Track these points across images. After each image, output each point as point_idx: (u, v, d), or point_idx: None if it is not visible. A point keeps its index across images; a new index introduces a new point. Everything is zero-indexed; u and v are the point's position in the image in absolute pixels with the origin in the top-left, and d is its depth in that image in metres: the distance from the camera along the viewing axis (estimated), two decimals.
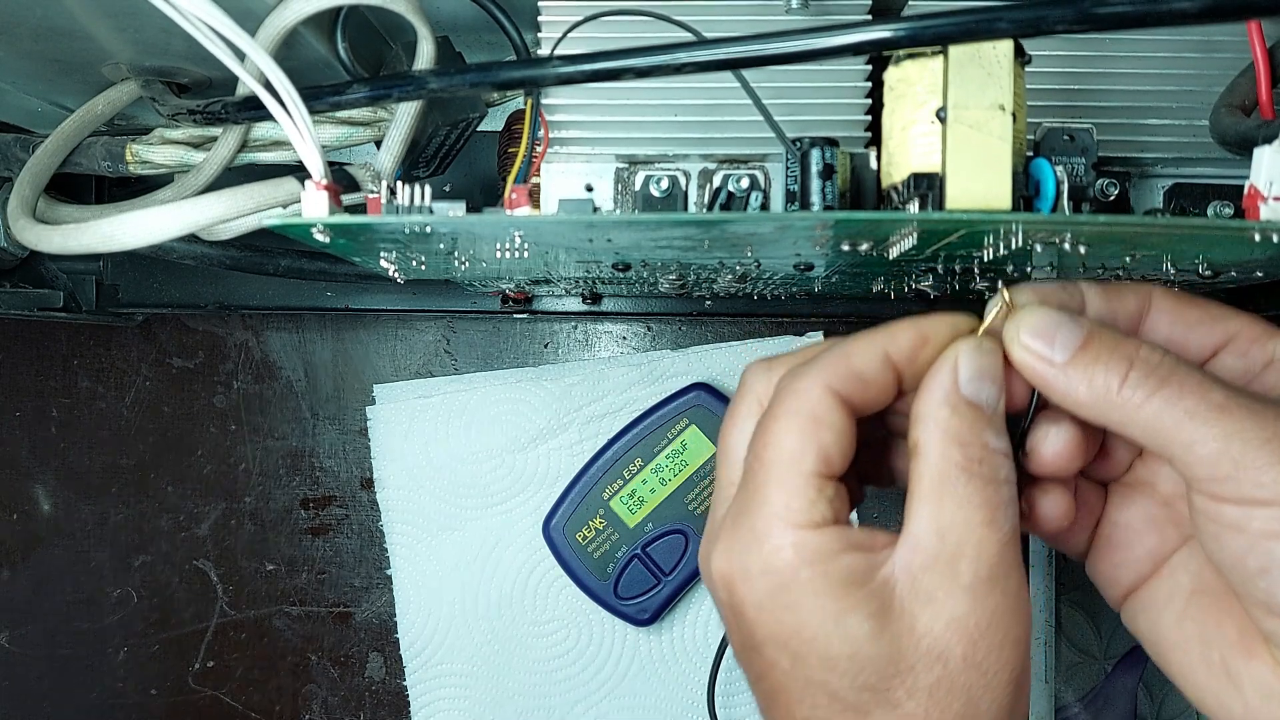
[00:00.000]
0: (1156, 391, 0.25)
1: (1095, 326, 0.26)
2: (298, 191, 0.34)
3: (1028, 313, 0.27)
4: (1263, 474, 0.24)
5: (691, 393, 0.55)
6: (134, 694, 0.59)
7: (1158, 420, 0.25)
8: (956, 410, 0.26)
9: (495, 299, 0.55)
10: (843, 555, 0.26)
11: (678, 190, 0.34)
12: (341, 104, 0.31)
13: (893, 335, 0.27)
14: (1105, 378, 0.25)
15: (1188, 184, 0.35)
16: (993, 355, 0.27)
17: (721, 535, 0.28)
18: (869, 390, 0.27)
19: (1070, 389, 0.26)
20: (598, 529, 0.55)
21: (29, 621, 0.59)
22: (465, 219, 0.27)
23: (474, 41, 0.40)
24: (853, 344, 0.28)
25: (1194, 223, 0.25)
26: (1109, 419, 0.26)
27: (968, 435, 0.26)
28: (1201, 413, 0.25)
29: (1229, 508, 0.25)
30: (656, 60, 0.26)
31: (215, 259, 0.43)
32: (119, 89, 0.38)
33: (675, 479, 0.55)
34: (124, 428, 0.59)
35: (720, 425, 0.31)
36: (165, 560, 0.59)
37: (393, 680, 0.59)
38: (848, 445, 0.27)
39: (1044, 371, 0.26)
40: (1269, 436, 0.24)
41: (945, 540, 0.25)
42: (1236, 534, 0.25)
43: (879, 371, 0.27)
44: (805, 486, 0.26)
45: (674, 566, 0.54)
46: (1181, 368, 0.25)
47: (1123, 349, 0.26)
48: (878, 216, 0.25)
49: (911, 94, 0.26)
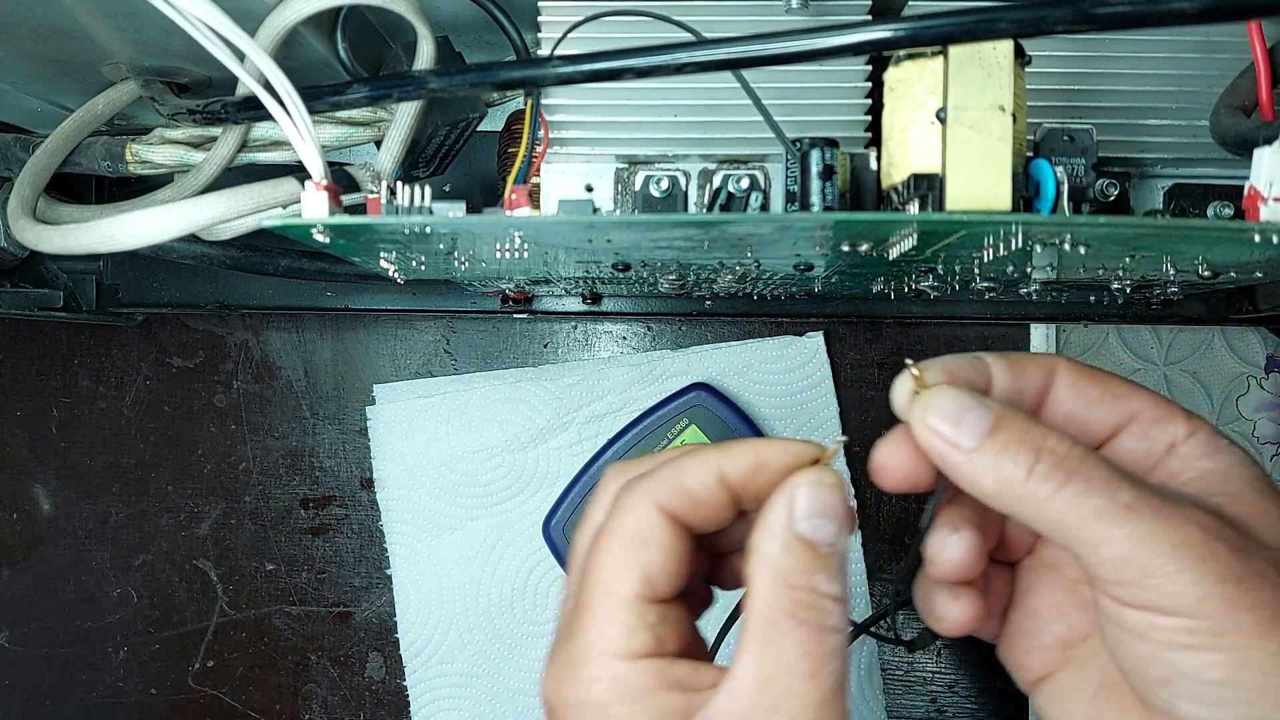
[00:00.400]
0: (1064, 485, 0.24)
1: (1004, 411, 0.25)
2: (297, 192, 0.34)
3: (936, 395, 0.26)
4: (1169, 582, 0.23)
5: (691, 392, 0.55)
6: (134, 693, 0.59)
7: (1064, 516, 0.24)
8: (788, 549, 0.25)
9: (495, 299, 0.55)
10: (659, 694, 0.24)
11: (678, 190, 0.33)
12: (341, 104, 0.31)
13: (729, 456, 0.26)
14: (1012, 467, 0.24)
15: (1188, 184, 0.35)
16: (832, 491, 0.26)
17: (551, 658, 0.26)
18: (701, 510, 0.26)
19: (976, 477, 0.25)
20: None
21: (30, 621, 0.59)
22: (465, 220, 0.27)
23: (474, 41, 0.40)
24: (689, 460, 0.27)
25: (1193, 224, 0.25)
26: (1015, 510, 0.25)
27: (797, 577, 0.25)
28: (1109, 512, 0.24)
29: (1133, 613, 0.24)
30: (656, 60, 0.26)
31: (215, 259, 0.43)
32: (119, 89, 0.38)
33: None
34: (124, 427, 0.59)
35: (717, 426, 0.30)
36: (165, 559, 0.59)
37: (392, 680, 0.59)
38: (677, 565, 0.26)
39: (950, 456, 0.25)
40: (1178, 543, 0.23)
41: (765, 690, 0.24)
42: (1139, 641, 0.24)
43: (712, 492, 0.26)
44: (625, 611, 0.25)
45: None
46: (1090, 461, 0.24)
47: (1030, 438, 0.25)
48: (877, 217, 0.25)
49: (911, 95, 0.26)
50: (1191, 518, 0.24)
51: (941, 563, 0.27)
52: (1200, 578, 0.23)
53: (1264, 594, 0.23)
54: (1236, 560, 0.23)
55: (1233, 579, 0.23)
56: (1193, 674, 0.23)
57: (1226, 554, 0.23)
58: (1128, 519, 0.24)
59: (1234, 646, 0.23)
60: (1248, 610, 0.23)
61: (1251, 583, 0.23)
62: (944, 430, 0.25)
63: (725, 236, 0.28)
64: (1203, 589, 0.23)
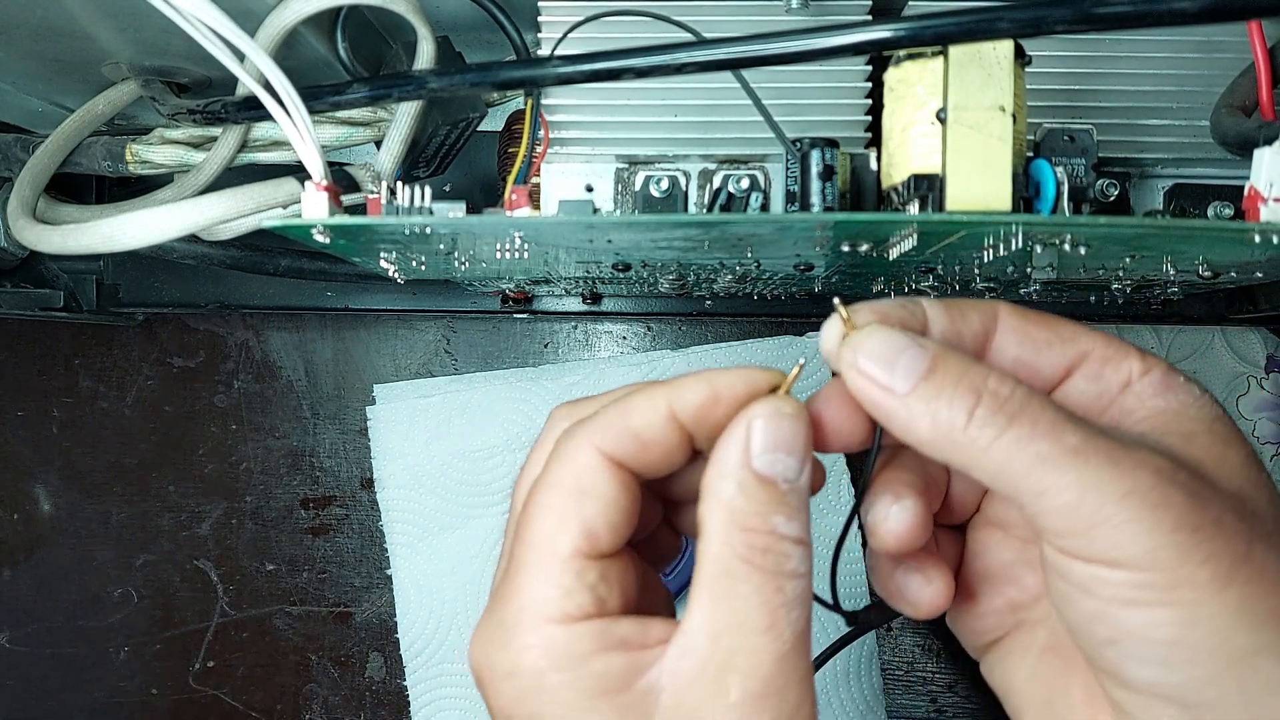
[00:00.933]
0: (1006, 430, 0.22)
1: (940, 350, 0.23)
2: (298, 192, 0.34)
3: (867, 334, 0.24)
4: (1118, 532, 0.21)
5: None
6: (136, 693, 0.59)
7: (1006, 463, 0.22)
8: (744, 488, 0.23)
9: (495, 299, 0.55)
10: (599, 657, 0.22)
11: (678, 191, 0.33)
12: (341, 104, 0.31)
13: (679, 390, 0.24)
14: (949, 412, 0.22)
15: (1188, 184, 0.35)
16: (794, 421, 0.23)
17: (480, 623, 0.24)
18: (650, 452, 0.24)
19: (911, 423, 0.23)
20: None
21: (32, 621, 0.59)
22: (465, 220, 0.27)
23: (474, 41, 0.40)
24: (634, 399, 0.24)
25: (1194, 224, 0.25)
26: (954, 458, 0.23)
27: (754, 519, 0.23)
28: (1055, 458, 0.22)
29: (1080, 566, 0.22)
30: (656, 60, 0.26)
31: (215, 259, 0.43)
32: (119, 89, 0.38)
33: None
34: (125, 427, 0.59)
35: None
36: (167, 559, 0.59)
37: (393, 680, 0.59)
38: (621, 517, 0.24)
39: (883, 402, 0.23)
40: (1128, 490, 0.21)
41: (718, 645, 0.22)
42: (1085, 596, 0.22)
43: (662, 432, 0.24)
44: (561, 572, 0.23)
45: (674, 568, 0.54)
46: (1034, 402, 0.22)
47: (970, 379, 0.23)
48: (877, 218, 0.25)
49: (911, 95, 0.26)
50: (1144, 461, 0.22)
51: (883, 534, 0.26)
52: (1152, 527, 0.21)
53: (1220, 544, 0.21)
54: (1191, 508, 0.22)
55: (1187, 528, 0.21)
56: (1141, 632, 0.22)
57: (1181, 501, 0.22)
58: (1074, 464, 0.22)
59: (1186, 602, 0.21)
60: (1201, 562, 0.21)
61: (1207, 531, 0.21)
62: (876, 373, 0.23)
63: (725, 237, 0.28)
64: (1154, 539, 0.21)
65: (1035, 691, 0.26)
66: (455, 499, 0.58)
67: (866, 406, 0.24)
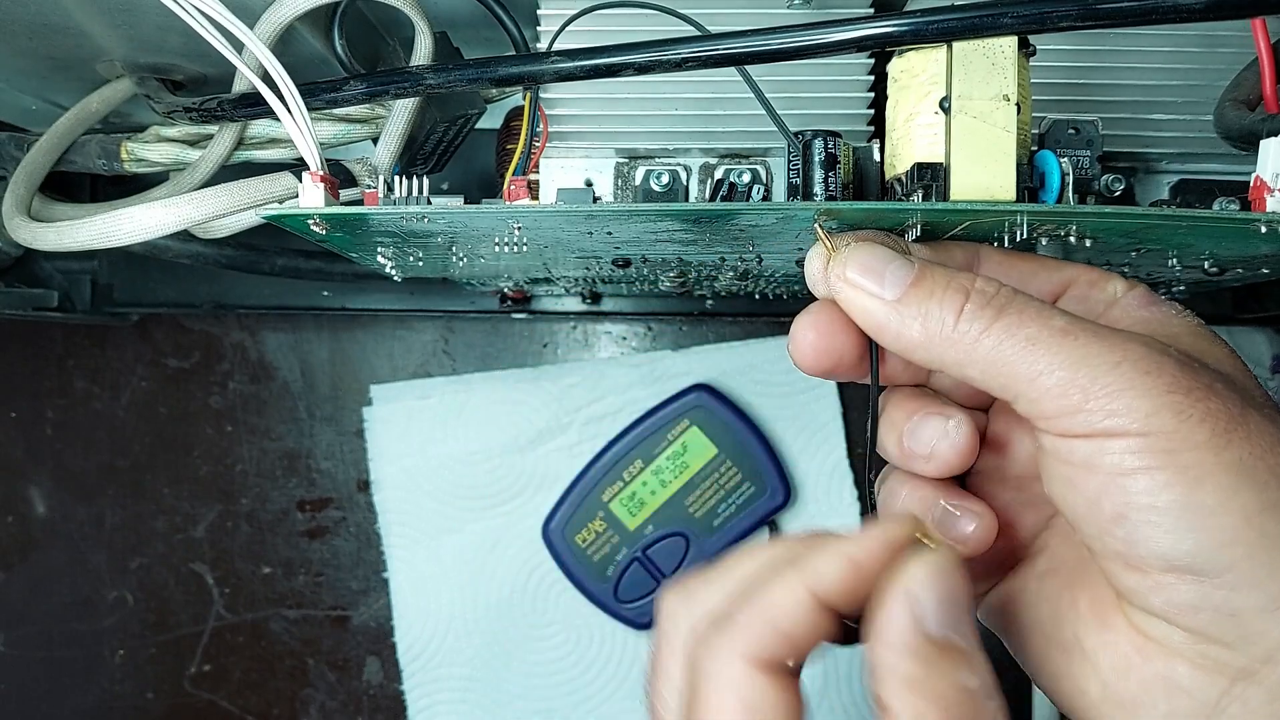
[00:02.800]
0: (995, 321, 0.23)
1: (925, 262, 0.24)
2: (294, 187, 0.34)
3: (855, 250, 0.24)
4: (1115, 400, 0.22)
5: (692, 394, 0.55)
6: (130, 696, 0.58)
7: (997, 352, 0.23)
8: (922, 658, 0.21)
9: (494, 298, 0.54)
10: None
11: (678, 185, 0.33)
12: (338, 100, 0.30)
13: (814, 571, 0.22)
14: (940, 311, 0.23)
15: (1193, 180, 0.35)
16: (954, 573, 0.22)
17: None
18: (800, 644, 0.22)
19: (903, 328, 0.24)
20: (598, 531, 0.54)
21: (25, 624, 0.59)
22: (463, 210, 0.26)
23: (472, 37, 0.40)
24: (772, 591, 0.22)
25: (1199, 214, 0.25)
26: (945, 359, 0.24)
27: (943, 687, 0.21)
28: (1044, 339, 0.22)
29: (1080, 443, 0.22)
30: (657, 56, 0.25)
31: (211, 258, 0.43)
32: (114, 86, 0.38)
33: (676, 481, 0.54)
34: (119, 428, 0.59)
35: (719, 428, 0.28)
36: (162, 562, 0.59)
37: (390, 684, 0.58)
38: (793, 713, 0.22)
39: (874, 310, 0.24)
40: (1118, 359, 0.22)
41: None
42: (1089, 474, 0.22)
43: (811, 620, 0.22)
44: None
45: (674, 569, 0.54)
46: (1020, 296, 0.23)
47: (957, 280, 0.24)
48: (881, 206, 0.24)
49: (915, 85, 0.26)
50: (1132, 337, 0.23)
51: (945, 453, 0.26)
52: (1147, 390, 0.21)
53: (1215, 404, 0.22)
54: (1183, 373, 0.22)
55: (1181, 390, 0.22)
56: (1147, 500, 0.22)
57: (1173, 367, 0.22)
58: (1064, 342, 0.22)
59: (1188, 464, 0.21)
60: (1200, 421, 0.21)
61: (1200, 393, 0.22)
62: (865, 283, 0.24)
63: (726, 229, 0.28)
64: (1151, 402, 0.21)
65: (1039, 614, 0.26)
66: (453, 501, 0.57)
67: (858, 318, 0.24)
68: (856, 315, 0.24)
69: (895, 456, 0.27)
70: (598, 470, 0.55)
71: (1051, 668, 0.25)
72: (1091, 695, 0.24)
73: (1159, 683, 0.23)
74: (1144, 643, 0.23)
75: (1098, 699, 0.24)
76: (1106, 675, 0.24)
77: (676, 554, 0.54)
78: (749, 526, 0.55)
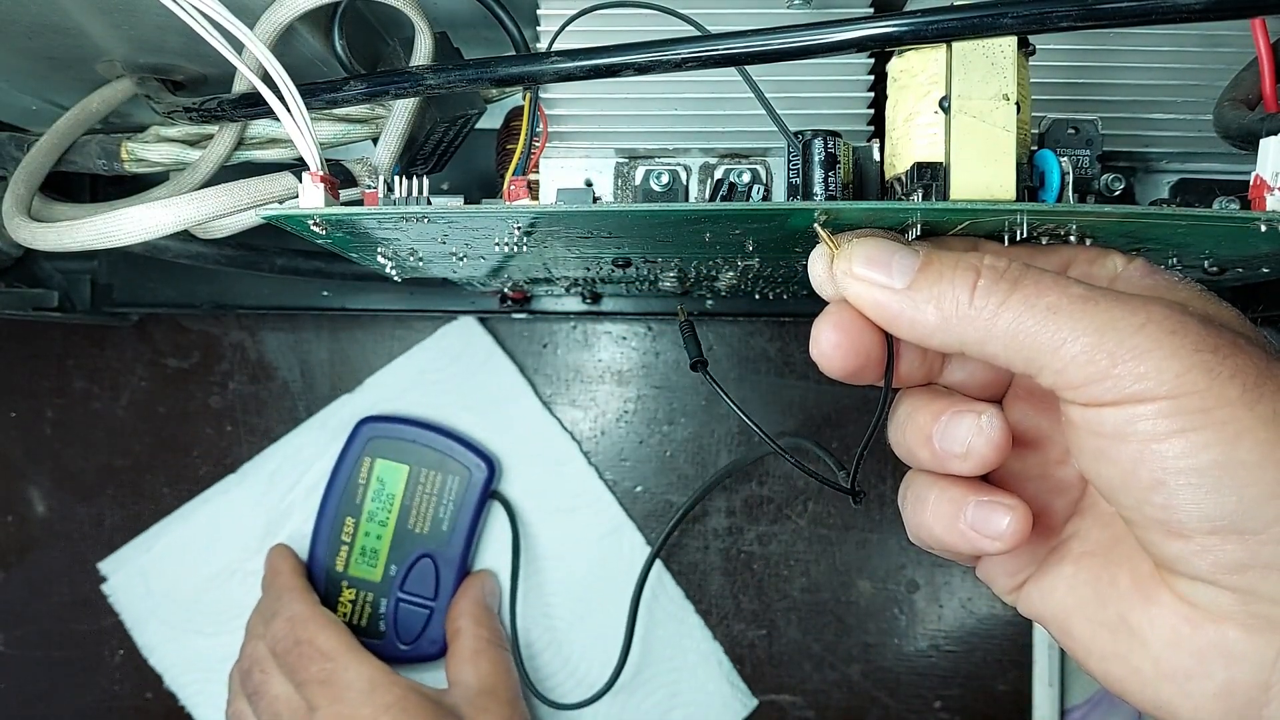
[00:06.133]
0: (1011, 293, 0.22)
1: (929, 248, 0.24)
2: (294, 186, 0.34)
3: (858, 244, 0.24)
4: (1142, 362, 0.21)
5: (361, 429, 0.55)
6: (130, 697, 0.58)
7: (1018, 325, 0.22)
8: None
9: (494, 298, 0.54)
10: None
11: (678, 185, 0.33)
12: (338, 100, 0.30)
13: None
14: (953, 291, 0.23)
15: (1193, 180, 0.35)
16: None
17: None
18: None
19: (917, 314, 0.23)
20: (351, 600, 0.54)
21: (24, 624, 0.59)
22: (463, 209, 0.26)
23: (472, 37, 0.40)
24: None
25: (1199, 213, 0.25)
26: (965, 339, 0.23)
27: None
28: (1065, 306, 0.22)
29: (1109, 413, 0.22)
30: (657, 56, 0.26)
31: (210, 258, 0.43)
32: (114, 86, 0.38)
33: (391, 515, 0.54)
34: (119, 428, 0.59)
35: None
36: None
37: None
38: None
39: (885, 301, 0.24)
40: (1143, 321, 0.22)
41: None
42: (1121, 444, 0.22)
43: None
44: None
45: (435, 589, 0.54)
46: (1033, 268, 0.23)
47: (966, 260, 0.23)
48: (881, 206, 0.24)
49: (915, 84, 0.26)
50: (1152, 300, 0.22)
51: (980, 448, 0.25)
52: (1174, 350, 0.21)
53: (1243, 359, 0.22)
54: (1207, 331, 0.22)
55: (1208, 348, 0.21)
56: (1185, 463, 0.21)
57: (1197, 326, 0.22)
58: (1085, 309, 0.22)
59: (1223, 421, 0.21)
60: (1230, 378, 0.21)
61: (1227, 350, 0.22)
62: (873, 275, 0.24)
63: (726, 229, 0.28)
64: (1180, 362, 0.21)
65: (1081, 595, 0.26)
66: (224, 625, 0.57)
67: (869, 311, 0.24)
68: (868, 309, 0.24)
69: (927, 460, 0.26)
70: (320, 550, 0.55)
71: (1101, 650, 0.25)
72: (1145, 673, 0.24)
73: (1212, 650, 0.23)
74: (1191, 611, 0.23)
75: (1152, 676, 0.24)
76: (1157, 650, 0.24)
77: (429, 575, 0.54)
78: (475, 512, 0.55)
